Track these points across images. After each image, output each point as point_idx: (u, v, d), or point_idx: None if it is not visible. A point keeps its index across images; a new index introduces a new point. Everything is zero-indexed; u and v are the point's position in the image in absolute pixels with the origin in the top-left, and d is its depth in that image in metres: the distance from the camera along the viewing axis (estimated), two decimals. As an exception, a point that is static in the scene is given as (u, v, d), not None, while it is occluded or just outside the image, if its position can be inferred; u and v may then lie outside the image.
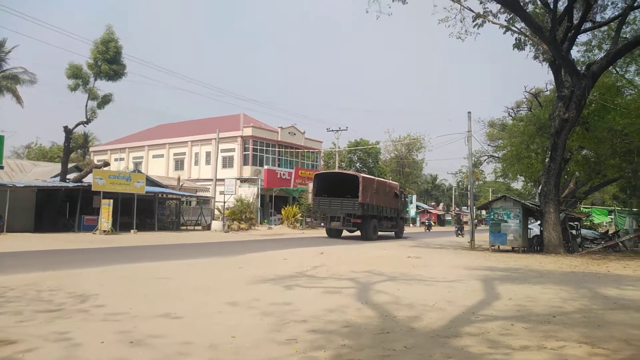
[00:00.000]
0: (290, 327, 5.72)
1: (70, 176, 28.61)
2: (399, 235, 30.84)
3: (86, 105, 27.98)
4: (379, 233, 28.28)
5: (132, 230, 26.42)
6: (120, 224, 26.96)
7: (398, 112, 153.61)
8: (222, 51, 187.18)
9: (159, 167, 49.37)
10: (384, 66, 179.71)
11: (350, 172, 35.99)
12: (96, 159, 51.58)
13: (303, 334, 5.37)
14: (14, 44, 66.03)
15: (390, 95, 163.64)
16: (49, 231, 24.23)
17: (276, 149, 47.17)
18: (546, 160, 22.89)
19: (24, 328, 5.30)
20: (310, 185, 42.21)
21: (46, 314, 6.06)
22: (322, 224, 27.94)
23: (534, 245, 20.42)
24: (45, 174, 30.74)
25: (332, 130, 47.73)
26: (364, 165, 60.38)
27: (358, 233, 27.32)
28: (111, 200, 25.05)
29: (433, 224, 53.13)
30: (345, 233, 28.51)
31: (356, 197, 25.36)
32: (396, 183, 33.16)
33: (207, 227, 33.43)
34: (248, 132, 44.46)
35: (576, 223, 22.00)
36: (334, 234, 27.95)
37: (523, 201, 21.04)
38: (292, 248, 18.71)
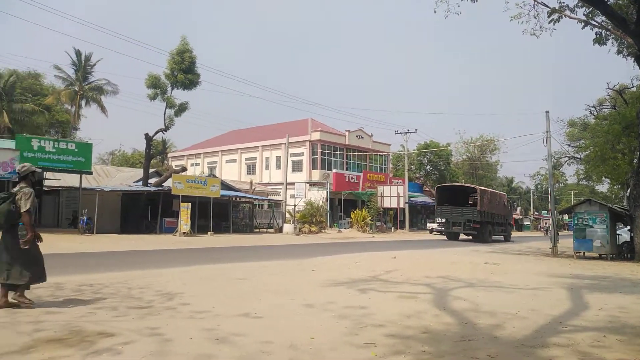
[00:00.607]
0: (368, 330, 5.71)
1: (151, 181, 30.36)
2: (507, 239, 34.13)
3: (164, 114, 29.61)
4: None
5: (208, 233, 27.58)
6: (198, 227, 28.22)
7: (466, 115, 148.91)
8: (263, 52, 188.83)
9: (232, 171, 51.14)
10: (441, 68, 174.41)
11: (469, 184, 40.71)
12: (174, 164, 54.32)
13: (381, 338, 5.33)
14: (96, 57, 70.54)
15: (453, 97, 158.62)
16: (133, 232, 25.84)
17: (344, 153, 47.33)
18: (634, 162, 21.23)
19: (119, 322, 5.69)
20: (380, 188, 42.69)
21: (138, 310, 6.47)
22: (442, 228, 33.02)
23: (624, 253, 19.03)
24: (128, 178, 32.89)
25: (401, 133, 47.17)
26: (435, 168, 59.10)
27: (470, 237, 31.26)
28: (189, 204, 26.29)
29: None
30: (462, 236, 32.50)
31: (474, 206, 29.99)
32: (504, 194, 37.40)
33: (279, 230, 34.18)
34: (316, 136, 44.97)
35: (672, 229, 20.20)
36: (452, 236, 32.09)
37: (610, 205, 19.71)
38: (364, 252, 18.68)
